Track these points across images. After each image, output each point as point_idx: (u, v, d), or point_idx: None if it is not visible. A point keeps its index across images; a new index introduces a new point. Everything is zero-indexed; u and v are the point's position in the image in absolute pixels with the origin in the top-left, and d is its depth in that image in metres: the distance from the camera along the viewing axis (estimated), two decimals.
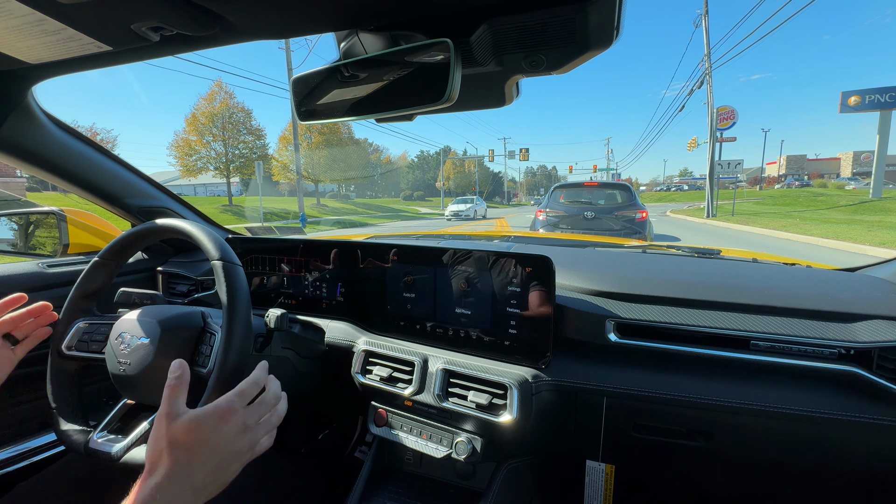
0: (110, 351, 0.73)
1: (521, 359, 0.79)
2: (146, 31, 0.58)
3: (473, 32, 0.55)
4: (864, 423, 0.66)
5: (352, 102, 0.66)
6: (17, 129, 0.91)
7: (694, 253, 1.20)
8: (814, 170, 72.28)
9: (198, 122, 24.90)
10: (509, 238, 1.53)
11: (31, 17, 0.54)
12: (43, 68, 0.74)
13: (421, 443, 0.83)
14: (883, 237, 9.04)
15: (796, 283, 0.87)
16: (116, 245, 0.83)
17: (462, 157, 58.09)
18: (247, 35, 0.63)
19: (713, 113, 17.70)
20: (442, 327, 0.87)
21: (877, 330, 0.70)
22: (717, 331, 0.75)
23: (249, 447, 0.57)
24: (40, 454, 1.03)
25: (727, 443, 0.75)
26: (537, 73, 0.63)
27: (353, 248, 0.99)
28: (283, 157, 30.61)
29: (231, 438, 0.54)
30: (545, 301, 0.77)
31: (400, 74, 0.60)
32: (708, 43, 17.66)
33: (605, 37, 0.55)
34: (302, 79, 0.68)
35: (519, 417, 0.72)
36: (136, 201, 1.22)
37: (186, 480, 0.50)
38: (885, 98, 19.99)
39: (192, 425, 0.52)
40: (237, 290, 0.70)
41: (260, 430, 0.59)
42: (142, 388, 0.71)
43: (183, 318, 0.76)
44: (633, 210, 5.95)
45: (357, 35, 0.62)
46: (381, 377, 0.85)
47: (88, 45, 0.62)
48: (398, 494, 0.88)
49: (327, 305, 1.03)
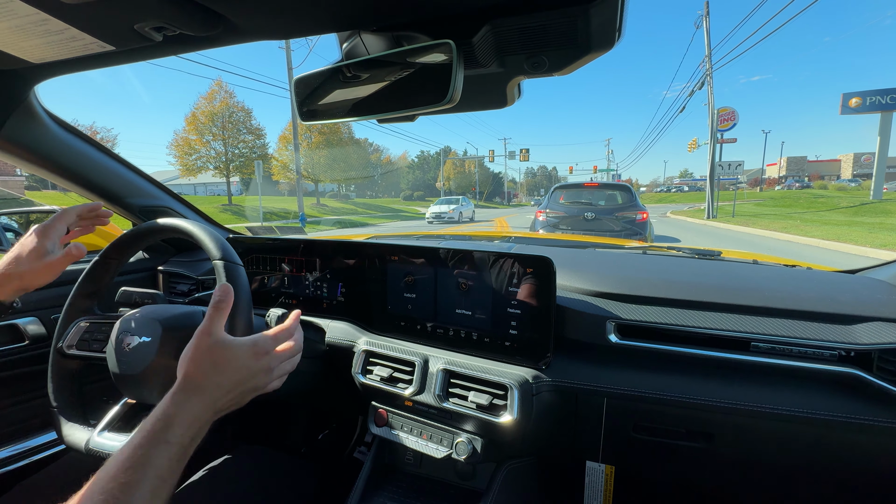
0: (111, 350, 0.73)
1: (521, 359, 0.80)
2: (149, 32, 0.58)
3: (476, 34, 0.55)
4: (864, 425, 0.66)
5: (354, 103, 0.66)
6: (19, 129, 0.91)
7: (694, 254, 1.20)
8: (814, 171, 72.33)
9: (198, 122, 24.91)
10: (510, 239, 1.53)
11: (35, 17, 0.54)
12: (45, 68, 0.74)
13: (421, 443, 0.83)
14: (884, 239, 9.04)
15: (797, 285, 0.88)
16: (118, 244, 0.84)
17: (462, 158, 58.11)
18: (250, 35, 0.63)
19: (714, 114, 17.70)
20: (442, 328, 0.88)
21: (877, 332, 0.70)
22: (717, 332, 0.75)
23: (264, 385, 0.62)
24: (40, 453, 1.03)
25: (727, 444, 0.75)
26: (539, 75, 0.63)
27: (354, 248, 0.99)
28: (282, 156, 30.62)
29: (254, 373, 0.59)
30: (546, 302, 0.77)
31: (402, 75, 0.60)
32: (709, 44, 17.66)
33: (606, 39, 0.55)
34: (304, 79, 0.68)
35: (519, 418, 0.72)
36: (138, 201, 1.23)
37: (208, 395, 0.54)
38: (885, 100, 20.01)
39: (226, 350, 0.57)
40: (238, 289, 0.70)
41: (275, 373, 0.64)
42: (143, 387, 0.71)
43: (184, 317, 0.76)
44: (633, 211, 5.95)
45: (359, 36, 0.62)
46: (381, 377, 0.85)
47: (91, 44, 0.62)
48: (398, 494, 0.88)
49: (328, 305, 1.03)
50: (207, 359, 0.56)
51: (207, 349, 0.56)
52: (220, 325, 0.59)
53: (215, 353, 0.57)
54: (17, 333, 1.06)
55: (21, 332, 1.06)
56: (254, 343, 0.60)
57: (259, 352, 0.60)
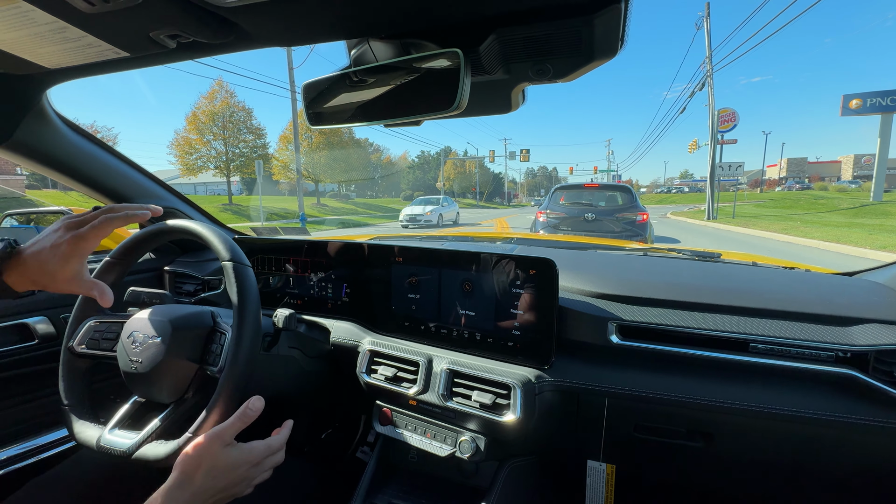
0: (122, 349, 0.75)
1: (524, 360, 0.81)
2: (164, 39, 0.59)
3: (483, 42, 0.56)
4: (860, 425, 0.68)
5: (361, 108, 0.67)
6: (32, 132, 0.93)
7: (695, 256, 1.22)
8: (814, 173, 72.23)
9: (198, 121, 24.90)
10: (512, 240, 1.55)
11: (54, 25, 0.56)
12: (60, 72, 0.75)
13: (425, 441, 0.84)
14: (883, 241, 9.04)
15: (795, 287, 0.89)
16: (128, 245, 0.85)
17: (463, 158, 58.08)
18: (261, 42, 0.65)
19: (714, 115, 17.70)
20: (446, 328, 0.89)
21: (873, 333, 0.71)
22: (716, 333, 0.76)
23: (241, 493, 0.64)
24: (52, 450, 1.04)
25: (726, 443, 0.77)
26: (544, 82, 0.65)
27: (358, 248, 1.01)
28: (283, 156, 30.61)
29: (241, 478, 0.62)
30: (548, 303, 0.78)
31: (410, 82, 0.61)
32: (709, 45, 17.66)
33: (610, 47, 0.56)
34: (312, 84, 0.69)
35: (522, 417, 0.73)
36: (146, 202, 1.24)
37: (199, 497, 0.56)
38: (886, 101, 20.00)
39: (229, 457, 0.60)
40: (248, 290, 0.72)
41: (255, 481, 0.66)
42: (152, 385, 0.73)
43: (193, 317, 0.77)
44: (633, 212, 5.95)
45: (368, 43, 0.63)
46: (386, 377, 0.87)
47: (107, 51, 0.64)
48: (402, 492, 0.89)
49: (332, 305, 1.05)
50: (210, 463, 0.58)
51: (212, 453, 0.59)
52: (232, 434, 0.62)
53: (220, 459, 0.59)
54: (27, 333, 1.08)
55: (31, 332, 1.08)
56: (253, 452, 0.63)
57: (253, 463, 0.63)
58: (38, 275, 0.63)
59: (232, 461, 0.60)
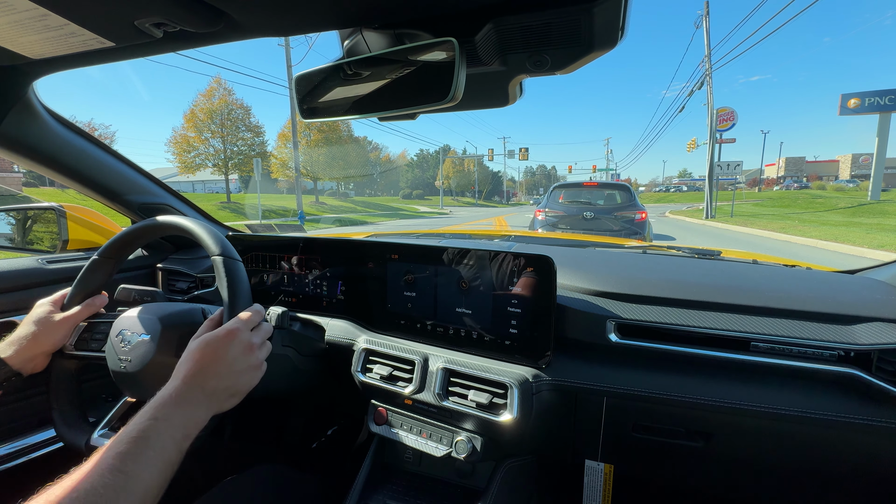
0: (111, 349, 0.73)
1: (521, 358, 0.80)
2: (149, 28, 0.58)
3: (478, 32, 0.54)
4: (863, 425, 0.67)
5: (355, 101, 0.65)
6: (17, 125, 0.91)
7: (694, 254, 1.20)
8: (812, 172, 72.50)
9: (196, 119, 24.85)
10: (510, 237, 1.53)
11: (35, 13, 0.54)
12: (44, 64, 0.74)
13: (421, 441, 0.83)
14: (881, 240, 9.07)
15: (796, 285, 0.88)
16: (117, 242, 0.83)
17: (461, 157, 58.08)
18: (250, 32, 0.63)
19: (713, 114, 17.72)
20: (442, 326, 0.87)
21: (876, 332, 0.70)
22: (716, 332, 0.75)
23: (258, 363, 0.66)
24: (40, 450, 1.03)
25: (726, 443, 0.76)
26: (541, 73, 0.63)
27: (354, 246, 0.99)
28: (281, 154, 30.57)
29: (238, 354, 0.63)
30: (546, 301, 0.77)
31: (404, 73, 0.60)
32: (708, 44, 17.66)
33: (609, 38, 0.55)
34: (305, 76, 0.67)
35: (519, 417, 0.72)
36: (137, 198, 1.22)
37: (198, 385, 0.59)
38: (884, 101, 20.07)
39: (202, 344, 0.62)
40: (238, 285, 0.70)
41: (262, 351, 0.68)
42: (142, 385, 0.71)
43: (183, 314, 0.76)
44: (632, 211, 5.96)
45: (361, 33, 0.62)
46: (381, 376, 0.85)
47: (91, 41, 0.62)
48: (397, 493, 0.88)
49: (327, 304, 1.03)
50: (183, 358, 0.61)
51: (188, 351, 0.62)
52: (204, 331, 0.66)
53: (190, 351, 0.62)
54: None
55: None
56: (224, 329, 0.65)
57: (231, 334, 0.64)
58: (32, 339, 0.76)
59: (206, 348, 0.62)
